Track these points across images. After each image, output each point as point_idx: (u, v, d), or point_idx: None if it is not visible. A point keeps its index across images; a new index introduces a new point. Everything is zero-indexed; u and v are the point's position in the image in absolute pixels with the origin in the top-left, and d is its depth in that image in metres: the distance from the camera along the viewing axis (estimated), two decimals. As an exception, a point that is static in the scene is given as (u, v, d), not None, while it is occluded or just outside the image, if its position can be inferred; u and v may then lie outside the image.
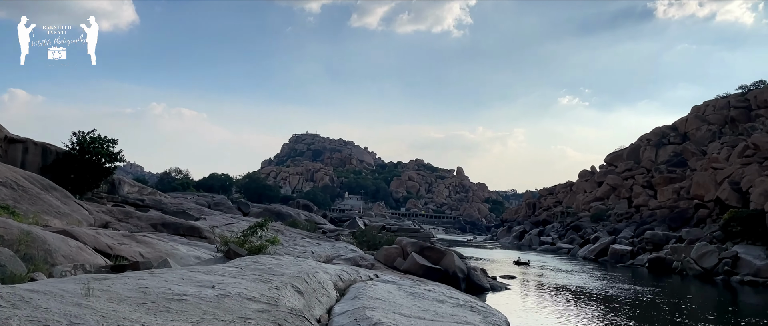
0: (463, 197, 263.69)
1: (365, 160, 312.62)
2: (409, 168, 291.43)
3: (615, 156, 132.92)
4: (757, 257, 55.38)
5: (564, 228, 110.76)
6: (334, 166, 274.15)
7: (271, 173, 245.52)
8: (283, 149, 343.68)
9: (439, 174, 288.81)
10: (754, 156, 79.71)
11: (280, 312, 9.56)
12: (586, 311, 33.65)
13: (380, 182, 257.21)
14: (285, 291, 11.86)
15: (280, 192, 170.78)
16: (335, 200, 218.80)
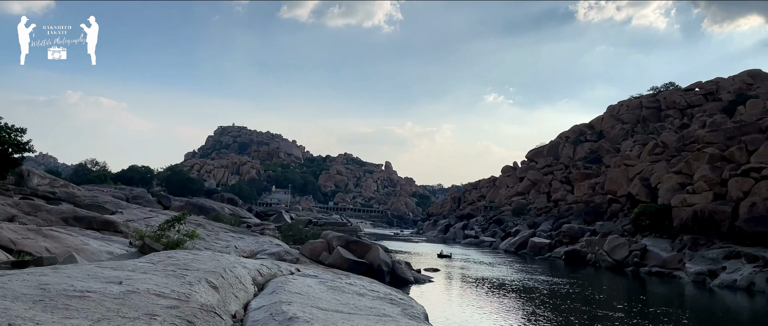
0: (391, 191, 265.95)
1: (293, 153, 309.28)
2: (337, 162, 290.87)
3: (536, 152, 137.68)
4: (663, 249, 58.87)
5: (487, 222, 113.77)
6: (262, 160, 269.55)
7: (194, 166, 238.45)
8: (208, 141, 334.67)
9: (368, 169, 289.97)
10: (662, 153, 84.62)
11: (190, 308, 9.28)
12: (505, 302, 34.73)
13: (308, 176, 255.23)
14: (198, 286, 11.53)
15: (204, 185, 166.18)
16: (262, 194, 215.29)
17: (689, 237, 57.85)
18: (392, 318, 12.93)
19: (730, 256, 50.42)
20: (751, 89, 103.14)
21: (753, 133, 67.01)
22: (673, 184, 68.59)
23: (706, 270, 49.89)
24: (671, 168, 73.90)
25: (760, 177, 56.34)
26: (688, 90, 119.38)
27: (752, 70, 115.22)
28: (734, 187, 57.98)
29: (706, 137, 73.43)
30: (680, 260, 54.85)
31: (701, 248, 55.10)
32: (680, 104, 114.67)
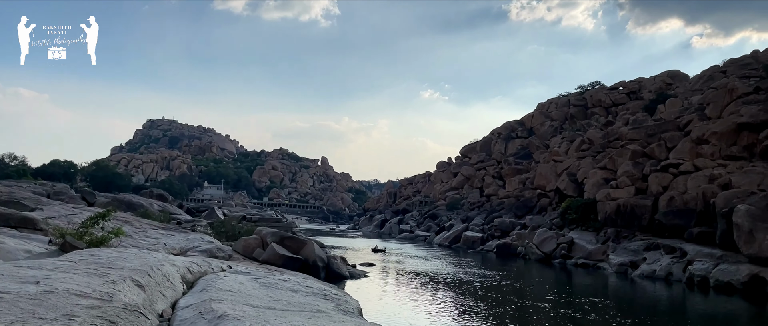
0: (327, 187, 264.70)
1: (227, 148, 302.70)
2: (272, 157, 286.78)
3: (469, 148, 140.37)
4: (589, 242, 61.33)
5: (422, 217, 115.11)
6: (193, 154, 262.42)
7: (121, 161, 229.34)
8: (136, 135, 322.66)
9: (304, 164, 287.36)
10: (588, 150, 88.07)
11: (113, 308, 8.90)
12: (439, 295, 35.26)
13: (242, 171, 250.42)
14: (123, 285, 11.08)
15: (132, 181, 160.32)
16: (194, 190, 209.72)
17: (613, 230, 60.51)
18: (326, 314, 12.86)
19: (650, 248, 53.08)
20: (671, 89, 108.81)
21: (672, 131, 70.77)
22: (598, 179, 71.51)
23: (628, 262, 52.35)
24: (596, 164, 77.01)
25: (678, 172, 59.55)
26: (613, 89, 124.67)
27: (672, 70, 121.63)
28: (654, 182, 61.04)
29: (628, 134, 76.95)
30: (604, 252, 57.30)
31: (624, 240, 57.75)
32: (605, 102, 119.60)
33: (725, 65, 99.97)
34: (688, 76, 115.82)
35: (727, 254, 44.16)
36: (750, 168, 51.47)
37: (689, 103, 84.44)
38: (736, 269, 41.60)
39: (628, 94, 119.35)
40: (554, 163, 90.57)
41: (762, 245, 39.85)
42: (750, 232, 40.70)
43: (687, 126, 68.61)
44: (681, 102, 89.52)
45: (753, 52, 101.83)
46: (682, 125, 70.28)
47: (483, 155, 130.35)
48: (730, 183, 50.59)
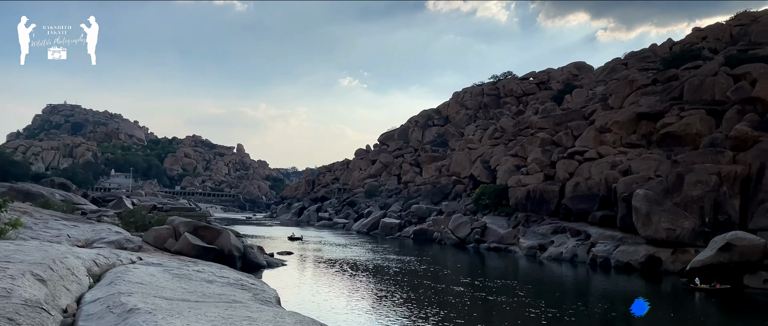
0: (243, 175, 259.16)
1: (135, 134, 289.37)
2: (185, 144, 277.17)
3: (387, 136, 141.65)
4: (501, 226, 63.65)
5: (341, 204, 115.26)
6: (99, 141, 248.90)
7: (19, 148, 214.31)
8: (36, 121, 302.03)
9: (219, 151, 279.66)
10: (501, 138, 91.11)
11: (12, 304, 8.32)
12: (357, 281, 35.50)
13: (153, 159, 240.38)
14: (22, 280, 10.37)
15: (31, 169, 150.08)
16: (99, 178, 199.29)
17: (523, 215, 63.07)
18: (243, 304, 12.63)
19: (558, 231, 55.80)
20: (577, 80, 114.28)
21: (578, 120, 74.44)
22: (510, 166, 74.21)
23: (537, 245, 54.84)
24: (508, 151, 79.82)
25: (583, 159, 62.76)
26: (524, 79, 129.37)
27: (578, 62, 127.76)
28: (561, 169, 64.06)
29: (538, 123, 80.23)
30: (515, 236, 59.70)
31: (533, 224, 60.35)
32: (517, 92, 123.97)
33: (626, 58, 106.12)
34: (593, 67, 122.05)
35: (627, 236, 47.17)
36: (648, 155, 55.05)
37: (594, 93, 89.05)
38: (635, 250, 44.54)
39: (538, 84, 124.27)
40: (469, 151, 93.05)
41: (658, 227, 42.81)
42: (647, 215, 43.60)
43: (592, 115, 72.34)
44: (586, 92, 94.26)
45: (651, 46, 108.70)
46: (587, 114, 74.05)
47: (401, 143, 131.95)
48: (630, 169, 53.90)
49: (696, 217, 41.96)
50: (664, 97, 63.31)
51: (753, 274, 35.37)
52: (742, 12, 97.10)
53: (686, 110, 56.95)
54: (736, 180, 42.27)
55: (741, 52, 73.18)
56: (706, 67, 63.95)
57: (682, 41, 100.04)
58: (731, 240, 35.41)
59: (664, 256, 42.20)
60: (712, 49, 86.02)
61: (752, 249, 35.09)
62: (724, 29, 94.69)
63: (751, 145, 44.82)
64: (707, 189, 42.17)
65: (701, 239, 40.49)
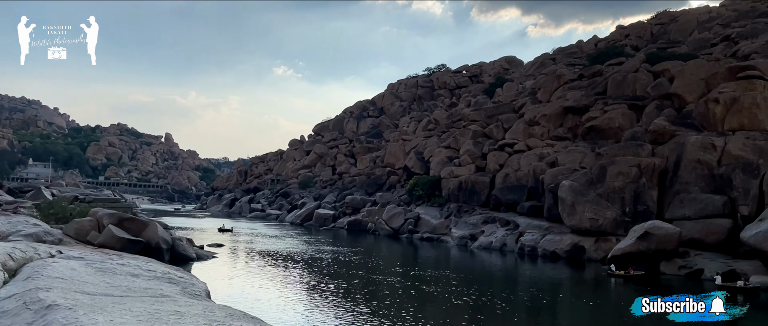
0: (171, 165, 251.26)
1: (55, 122, 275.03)
2: (110, 132, 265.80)
3: (322, 126, 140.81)
4: (434, 217, 64.64)
5: (274, 195, 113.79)
6: (15, 129, 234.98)
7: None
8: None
9: (146, 141, 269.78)
10: (434, 129, 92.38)
11: None
12: (291, 273, 35.19)
13: (74, 148, 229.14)
14: (-75, 277, 9.66)
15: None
16: (16, 168, 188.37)
17: (455, 206, 64.26)
18: (171, 298, 12.26)
19: (488, 221, 57.22)
20: (508, 74, 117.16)
21: (508, 113, 76.42)
22: (443, 158, 75.38)
23: (469, 235, 56.07)
24: (441, 143, 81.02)
25: (513, 151, 64.51)
26: (457, 72, 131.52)
27: (509, 56, 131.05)
28: (492, 160, 65.64)
29: (470, 115, 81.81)
30: (447, 226, 60.79)
31: (465, 215, 61.62)
32: (450, 85, 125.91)
33: (555, 53, 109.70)
34: (523, 62, 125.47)
35: (554, 226, 48.94)
36: (573, 148, 57.18)
37: (523, 87, 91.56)
38: (560, 239, 46.29)
39: (471, 77, 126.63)
40: (403, 142, 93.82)
41: (582, 217, 44.61)
42: (572, 206, 45.34)
43: (521, 108, 74.40)
44: (516, 86, 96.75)
45: (578, 42, 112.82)
46: (517, 107, 76.11)
47: (336, 133, 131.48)
48: (557, 161, 55.84)
49: (617, 207, 43.99)
50: (589, 91, 65.85)
51: (669, 261, 37.51)
52: (662, 11, 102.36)
53: (609, 105, 59.45)
54: (654, 172, 44.55)
55: (660, 50, 77.06)
56: (629, 64, 66.97)
57: (606, 38, 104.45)
58: (649, 229, 37.38)
59: (588, 245, 44.06)
60: (634, 47, 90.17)
61: (668, 237, 37.15)
62: (645, 28, 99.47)
63: (669, 139, 47.31)
64: (628, 181, 44.24)
65: (622, 228, 42.50)
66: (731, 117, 45.14)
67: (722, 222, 38.88)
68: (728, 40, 71.62)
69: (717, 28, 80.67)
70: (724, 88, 46.63)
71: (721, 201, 39.65)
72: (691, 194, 41.63)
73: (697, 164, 42.37)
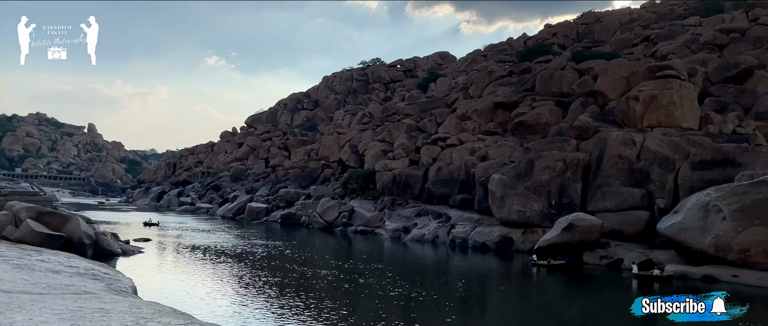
0: (95, 156, 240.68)
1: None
2: (28, 122, 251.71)
3: (255, 118, 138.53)
4: (368, 210, 64.94)
5: (204, 189, 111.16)
6: None
7: None
8: None
9: (67, 131, 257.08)
10: (369, 123, 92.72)
11: None
12: (221, 268, 34.52)
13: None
14: None
15: None
16: None
17: (389, 199, 64.82)
18: (95, 295, 11.82)
19: (421, 214, 58.06)
20: (441, 69, 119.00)
21: (441, 107, 77.67)
22: (377, 151, 75.80)
23: (402, 227, 56.70)
24: (376, 136, 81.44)
25: (445, 145, 65.64)
26: (392, 66, 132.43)
27: (442, 52, 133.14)
28: (425, 154, 66.57)
29: (404, 109, 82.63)
30: (381, 219, 61.23)
31: (398, 208, 62.26)
32: (385, 78, 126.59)
33: (486, 50, 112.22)
34: (456, 58, 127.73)
35: (484, 218, 50.22)
36: (503, 143, 58.79)
37: (456, 82, 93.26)
38: (490, 231, 47.56)
39: (405, 71, 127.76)
40: (338, 135, 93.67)
41: (511, 209, 45.98)
42: (502, 198, 46.64)
43: (454, 103, 75.77)
44: (449, 81, 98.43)
45: (508, 39, 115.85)
46: (450, 102, 77.46)
47: (269, 126, 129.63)
48: (487, 155, 57.26)
49: (544, 200, 45.59)
50: (518, 88, 67.80)
51: (591, 251, 39.28)
52: (588, 12, 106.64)
53: (537, 101, 61.44)
54: (578, 167, 46.43)
55: (586, 49, 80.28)
56: (556, 62, 69.38)
57: (535, 36, 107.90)
58: (573, 221, 39.00)
59: (516, 236, 45.50)
60: (561, 45, 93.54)
61: (591, 229, 38.88)
62: (571, 27, 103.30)
63: (592, 135, 49.42)
64: (554, 175, 45.92)
65: (548, 220, 44.12)
66: (650, 114, 47.63)
67: (640, 214, 41.02)
68: (648, 41, 75.53)
69: (637, 29, 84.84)
70: (644, 87, 49.12)
71: (639, 194, 41.80)
72: (612, 187, 43.68)
73: (617, 159, 44.47)
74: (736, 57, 56.05)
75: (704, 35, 65.72)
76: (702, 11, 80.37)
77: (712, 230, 32.58)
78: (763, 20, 64.34)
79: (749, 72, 53.01)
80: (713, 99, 51.11)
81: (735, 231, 31.68)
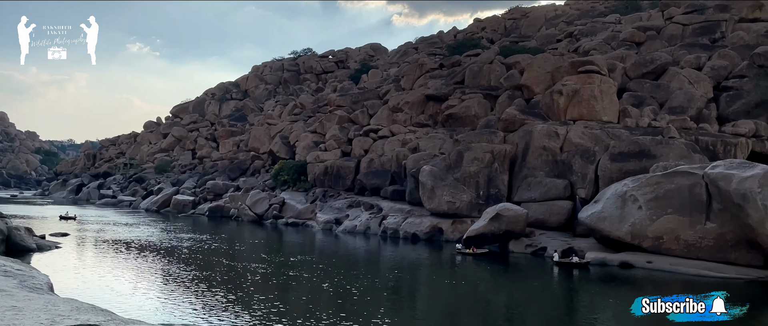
0: (7, 147, 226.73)
1: None
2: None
3: (181, 108, 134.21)
4: (299, 202, 64.35)
5: (127, 181, 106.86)
6: None
7: None
8: None
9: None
10: (300, 114, 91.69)
11: None
12: (144, 263, 33.34)
13: None
14: None
15: None
16: None
17: (321, 190, 64.46)
18: (6, 292, 11.13)
19: (353, 206, 58.09)
20: (373, 60, 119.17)
21: (373, 99, 77.80)
22: (309, 143, 75.14)
23: (334, 219, 56.55)
24: (307, 127, 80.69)
25: (377, 137, 65.85)
26: (323, 57, 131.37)
27: (374, 43, 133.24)
28: (357, 146, 66.57)
29: (336, 101, 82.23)
30: (313, 211, 60.85)
31: (330, 199, 62.03)
32: (316, 69, 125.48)
33: (417, 42, 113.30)
34: (388, 49, 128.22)
35: (415, 209, 50.80)
36: (434, 134, 59.59)
37: (388, 74, 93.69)
38: (421, 221, 48.19)
39: (337, 62, 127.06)
40: (268, 126, 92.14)
41: (441, 200, 46.72)
42: (432, 190, 47.32)
43: (386, 95, 76.10)
44: (381, 73, 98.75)
45: (439, 32, 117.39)
46: (382, 94, 77.75)
47: (196, 116, 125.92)
48: (419, 147, 57.89)
49: (473, 191, 46.60)
50: (448, 81, 68.85)
51: (517, 240, 40.55)
52: (515, 7, 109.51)
53: (467, 94, 62.60)
54: (505, 158, 47.72)
55: (513, 43, 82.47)
56: (484, 56, 70.86)
57: (465, 30, 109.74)
58: (500, 211, 40.11)
59: (446, 226, 46.31)
60: (489, 39, 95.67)
61: (517, 218, 40.11)
62: (500, 22, 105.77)
63: (518, 127, 50.86)
64: (482, 166, 46.99)
65: (476, 210, 45.16)
66: (572, 108, 49.49)
67: (563, 204, 42.66)
68: (571, 37, 78.40)
69: (562, 25, 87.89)
70: (567, 81, 50.97)
71: (562, 184, 43.44)
72: (537, 178, 45.16)
73: (542, 150, 45.99)
74: (652, 54, 59.01)
75: (623, 32, 68.79)
76: (621, 9, 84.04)
77: (628, 219, 34.33)
78: (677, 19, 68.01)
79: (664, 68, 55.96)
80: (631, 94, 53.64)
81: (650, 220, 33.50)
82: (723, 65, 54.92)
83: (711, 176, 31.74)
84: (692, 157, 39.41)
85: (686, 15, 68.17)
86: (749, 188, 29.56)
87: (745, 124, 45.61)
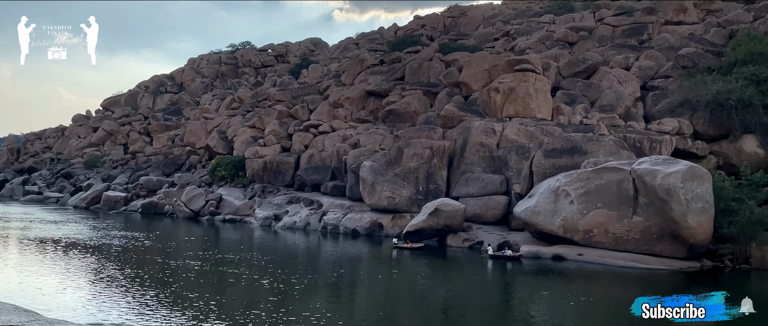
0: None
1: None
2: None
3: (112, 101, 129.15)
4: (237, 198, 63.19)
5: (54, 176, 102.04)
6: None
7: None
8: None
9: None
10: (238, 108, 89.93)
11: None
12: (72, 262, 31.97)
13: None
14: None
15: None
16: None
17: (260, 186, 63.52)
18: None
19: (292, 201, 57.53)
20: (313, 55, 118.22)
21: (313, 94, 77.19)
22: (247, 138, 73.81)
23: (273, 215, 55.85)
24: (246, 122, 79.28)
25: (317, 132, 65.42)
26: (263, 50, 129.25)
27: (314, 38, 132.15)
28: (297, 141, 65.93)
29: (276, 95, 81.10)
30: (251, 207, 59.89)
31: (269, 195, 61.22)
32: (255, 63, 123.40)
33: (358, 38, 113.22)
34: (329, 44, 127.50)
35: (355, 204, 50.82)
36: (374, 130, 59.74)
37: (328, 69, 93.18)
38: (361, 217, 48.27)
39: (277, 56, 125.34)
40: (205, 121, 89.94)
41: (381, 196, 46.92)
42: (372, 185, 47.45)
43: (326, 90, 75.67)
44: (322, 68, 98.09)
45: (380, 29, 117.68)
46: (322, 89, 77.27)
47: (128, 109, 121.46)
48: (359, 142, 57.89)
49: (412, 186, 47.05)
50: (389, 77, 69.15)
51: (455, 235, 41.26)
52: (454, 5, 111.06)
53: (407, 90, 63.09)
54: (444, 154, 48.40)
55: (452, 41, 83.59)
56: (424, 53, 71.49)
57: (405, 27, 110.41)
58: (439, 206, 40.70)
59: (386, 222, 46.58)
60: (429, 37, 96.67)
61: (455, 213, 40.80)
62: (439, 19, 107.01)
63: (457, 123, 51.66)
64: (422, 162, 47.49)
65: (416, 206, 45.60)
66: (509, 105, 50.68)
67: (499, 199, 43.66)
68: (508, 36, 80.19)
69: (499, 24, 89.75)
70: (503, 79, 52.14)
71: (498, 180, 44.43)
72: (474, 174, 46.02)
73: (479, 147, 46.91)
74: (583, 54, 61.07)
75: (557, 32, 70.88)
76: (556, 10, 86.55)
77: (561, 213, 35.53)
78: (608, 20, 70.64)
79: (595, 68, 58.02)
80: (564, 92, 55.36)
81: (580, 214, 34.78)
82: (649, 65, 57.44)
83: (637, 172, 33.24)
84: (620, 153, 41.09)
85: (616, 16, 70.92)
86: (672, 183, 31.17)
87: (670, 122, 47.87)
